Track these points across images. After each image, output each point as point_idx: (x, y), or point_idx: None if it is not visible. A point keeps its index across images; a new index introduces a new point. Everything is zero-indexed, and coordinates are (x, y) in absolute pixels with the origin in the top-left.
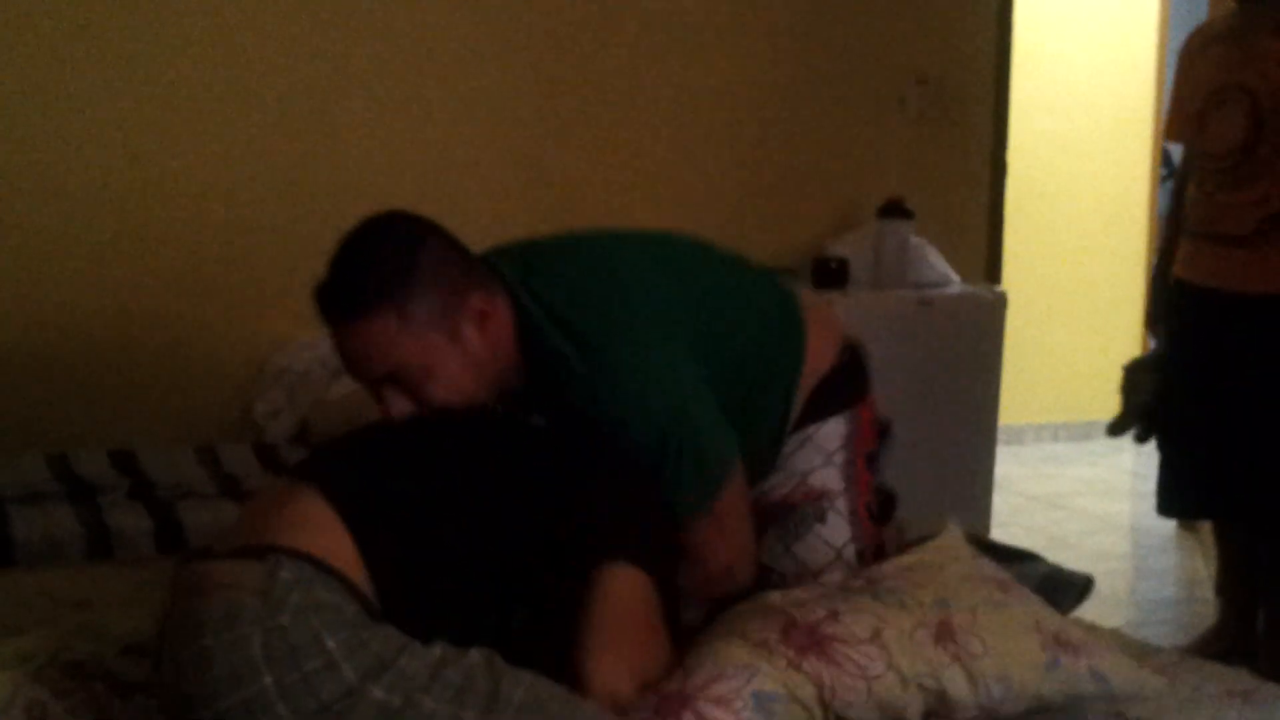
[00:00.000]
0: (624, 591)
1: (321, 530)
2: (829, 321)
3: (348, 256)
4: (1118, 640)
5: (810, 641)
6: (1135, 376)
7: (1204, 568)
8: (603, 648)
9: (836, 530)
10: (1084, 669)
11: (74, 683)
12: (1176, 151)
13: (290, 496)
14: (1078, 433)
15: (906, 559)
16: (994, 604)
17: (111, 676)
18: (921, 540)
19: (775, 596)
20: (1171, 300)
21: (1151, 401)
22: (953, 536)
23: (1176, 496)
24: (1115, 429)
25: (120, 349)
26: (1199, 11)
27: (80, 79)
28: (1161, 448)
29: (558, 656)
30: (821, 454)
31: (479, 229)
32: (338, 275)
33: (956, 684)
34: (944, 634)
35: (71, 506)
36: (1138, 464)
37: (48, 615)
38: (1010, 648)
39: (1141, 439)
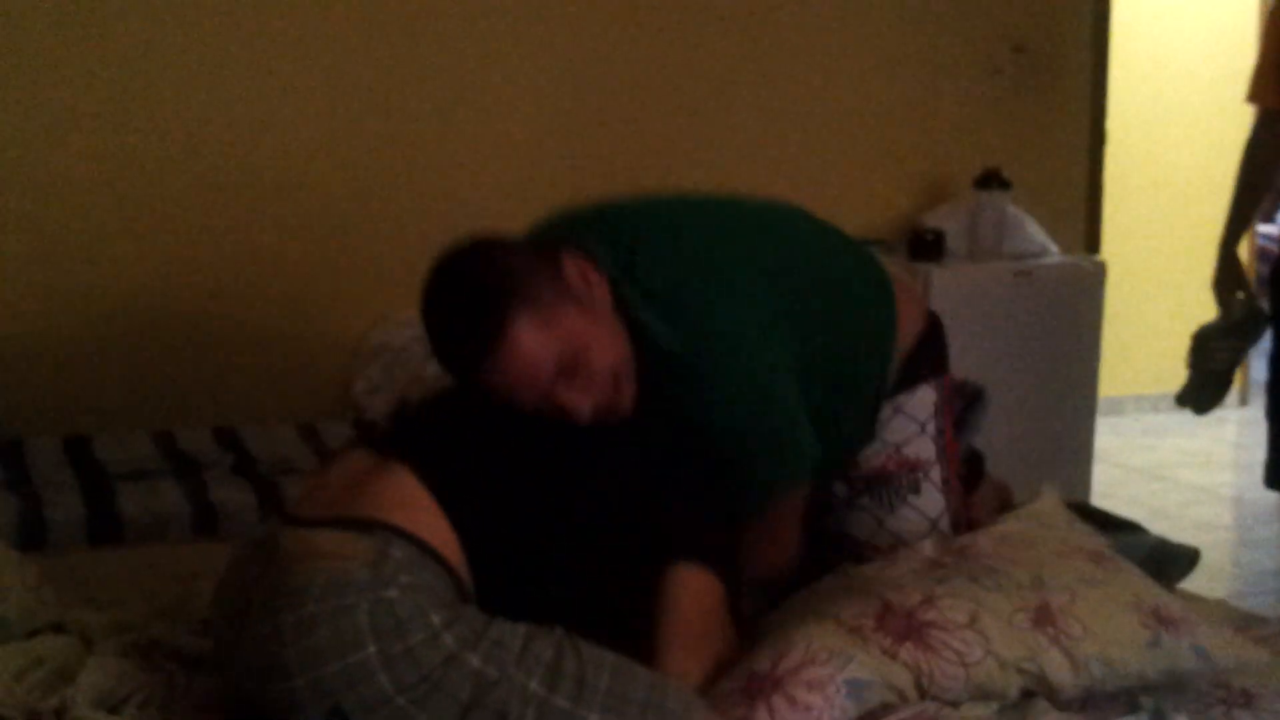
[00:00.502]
0: (695, 591)
1: (422, 511)
2: (911, 292)
3: (446, 307)
4: (1222, 611)
5: (907, 628)
6: (1206, 344)
7: None
8: (673, 643)
9: (931, 501)
10: (1185, 645)
11: (148, 661)
12: None
13: (383, 472)
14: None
15: (1001, 528)
16: (1091, 582)
17: (182, 654)
18: (1019, 506)
19: (868, 571)
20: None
21: (1226, 370)
22: (1050, 502)
23: None
24: (1195, 402)
25: (222, 329)
26: None
27: (178, 59)
28: (1274, 421)
29: (632, 650)
30: (914, 423)
31: (556, 196)
32: (450, 325)
33: (1056, 666)
34: (1043, 617)
35: (177, 482)
36: (1239, 435)
37: (151, 589)
38: (1110, 627)
39: (1204, 409)
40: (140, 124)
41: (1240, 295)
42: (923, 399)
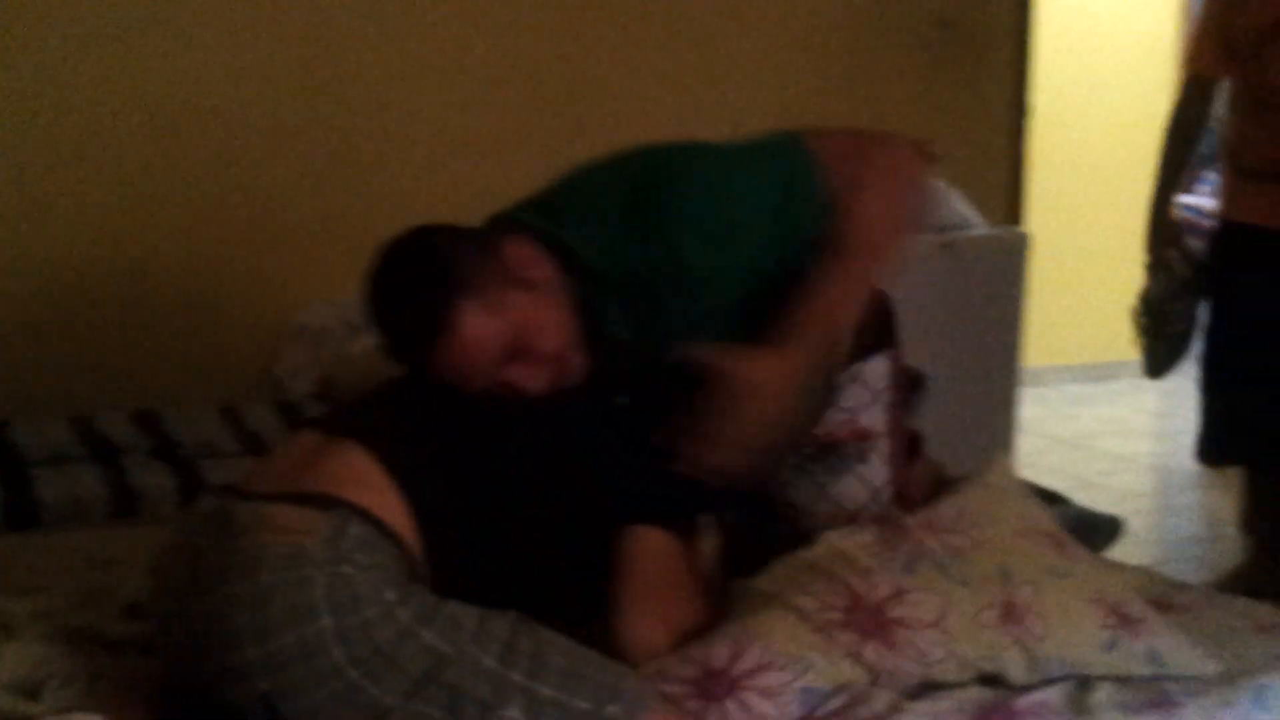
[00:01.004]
0: (650, 549)
1: (378, 490)
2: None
3: (391, 296)
4: (1145, 578)
5: (874, 626)
6: (1163, 308)
7: (1228, 505)
8: (633, 603)
9: (876, 472)
10: (1141, 650)
11: (72, 646)
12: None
13: (336, 450)
14: (1099, 373)
15: (960, 499)
16: (1056, 573)
17: (105, 638)
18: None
19: (834, 542)
20: (1220, 244)
21: (1188, 329)
22: (1001, 471)
23: (1224, 443)
24: (1159, 368)
25: (141, 310)
26: None
27: (98, 37)
28: (1208, 394)
29: (590, 620)
30: (870, 392)
31: (501, 181)
32: (396, 315)
33: (1015, 666)
34: (1008, 615)
35: (95, 467)
36: (1159, 403)
37: (71, 575)
38: (1072, 627)
39: (1158, 374)
40: (50, 104)
41: (1175, 252)
42: (877, 368)
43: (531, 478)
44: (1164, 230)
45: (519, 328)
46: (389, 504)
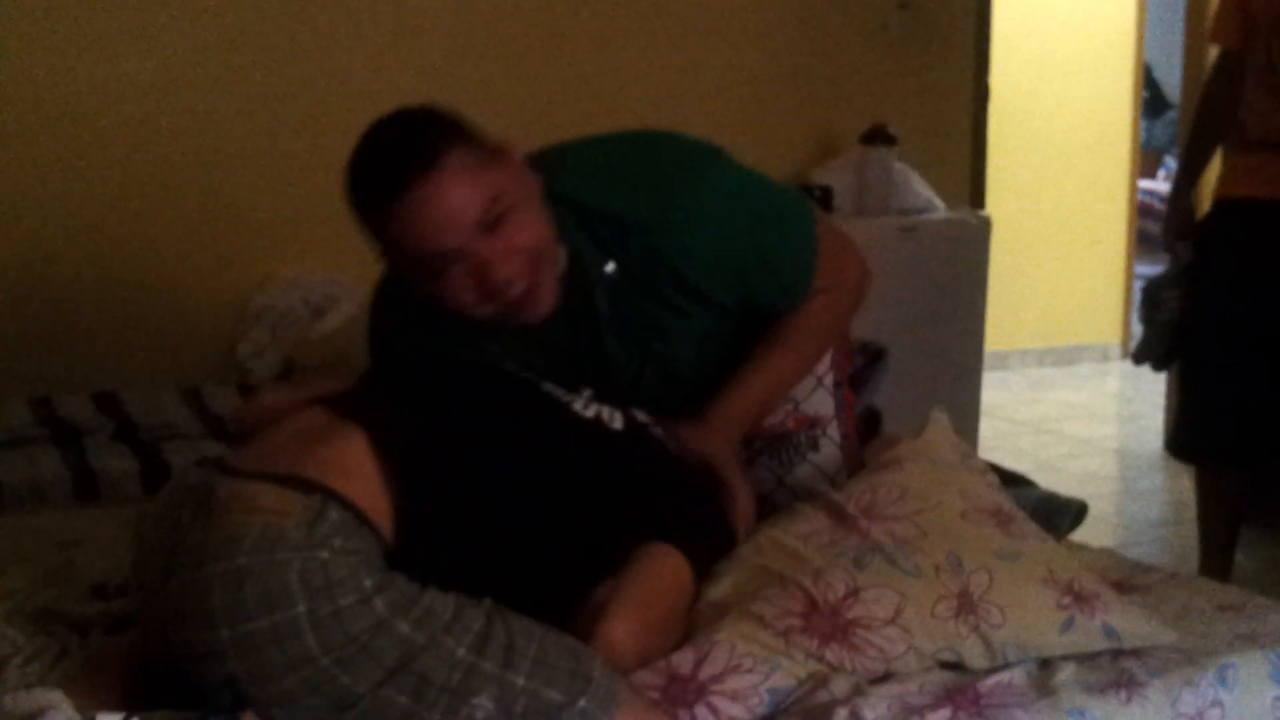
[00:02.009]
0: (665, 572)
1: (364, 480)
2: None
3: (379, 138)
4: (1109, 560)
5: (833, 628)
6: (1158, 294)
7: (1191, 489)
8: (621, 617)
9: (829, 458)
10: (1098, 625)
11: (37, 626)
12: (1165, 75)
13: (335, 434)
14: (1062, 357)
15: (900, 478)
16: (1006, 556)
17: (70, 618)
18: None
19: (779, 539)
20: (1212, 224)
21: (1179, 320)
22: (938, 432)
23: (1203, 437)
24: (1143, 354)
25: (102, 291)
26: None
27: (45, 18)
28: (1182, 385)
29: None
30: (812, 377)
31: None
32: (379, 155)
33: (974, 654)
34: (964, 606)
35: (56, 450)
36: (1122, 388)
37: (33, 556)
38: (1027, 612)
39: (1161, 366)
40: (3, 81)
41: (1186, 243)
42: None
43: (539, 493)
44: (1178, 217)
45: (501, 194)
46: (373, 497)
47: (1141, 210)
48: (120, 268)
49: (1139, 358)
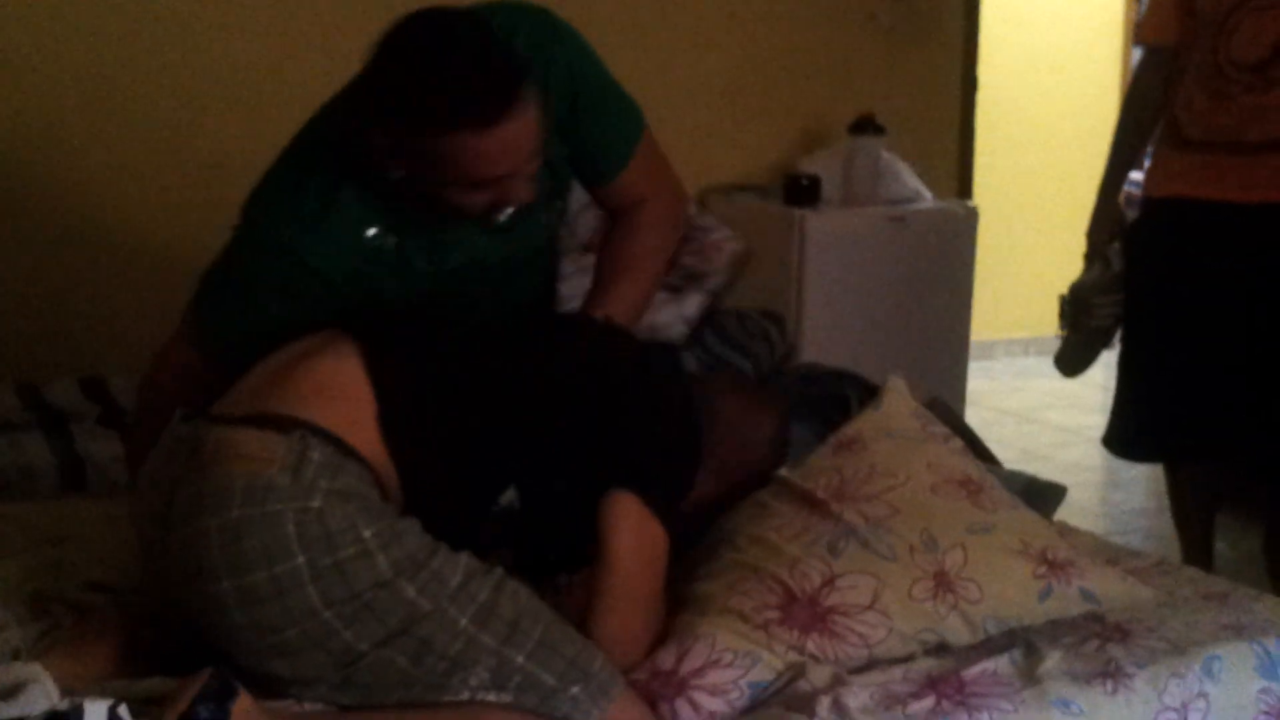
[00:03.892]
0: (635, 552)
1: (344, 401)
2: None
3: (466, 49)
4: (1095, 543)
5: (811, 618)
6: (1088, 300)
7: None
8: (606, 610)
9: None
10: (1075, 590)
11: (32, 607)
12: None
13: (324, 352)
14: (1047, 347)
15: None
16: (979, 529)
17: (67, 599)
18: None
19: (757, 536)
20: (1144, 224)
21: (1111, 327)
22: (895, 400)
23: (1136, 439)
24: (1076, 364)
25: (87, 275)
26: None
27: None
28: (1122, 386)
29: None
30: None
31: None
32: (467, 82)
33: (955, 632)
34: (941, 584)
35: (43, 436)
36: (1106, 377)
37: (23, 549)
38: (1004, 584)
39: (1076, 372)
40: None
41: (1118, 245)
42: None
43: (518, 419)
44: (1108, 219)
45: (541, 134)
46: (353, 418)
47: (1128, 201)
48: (104, 252)
49: (1061, 362)
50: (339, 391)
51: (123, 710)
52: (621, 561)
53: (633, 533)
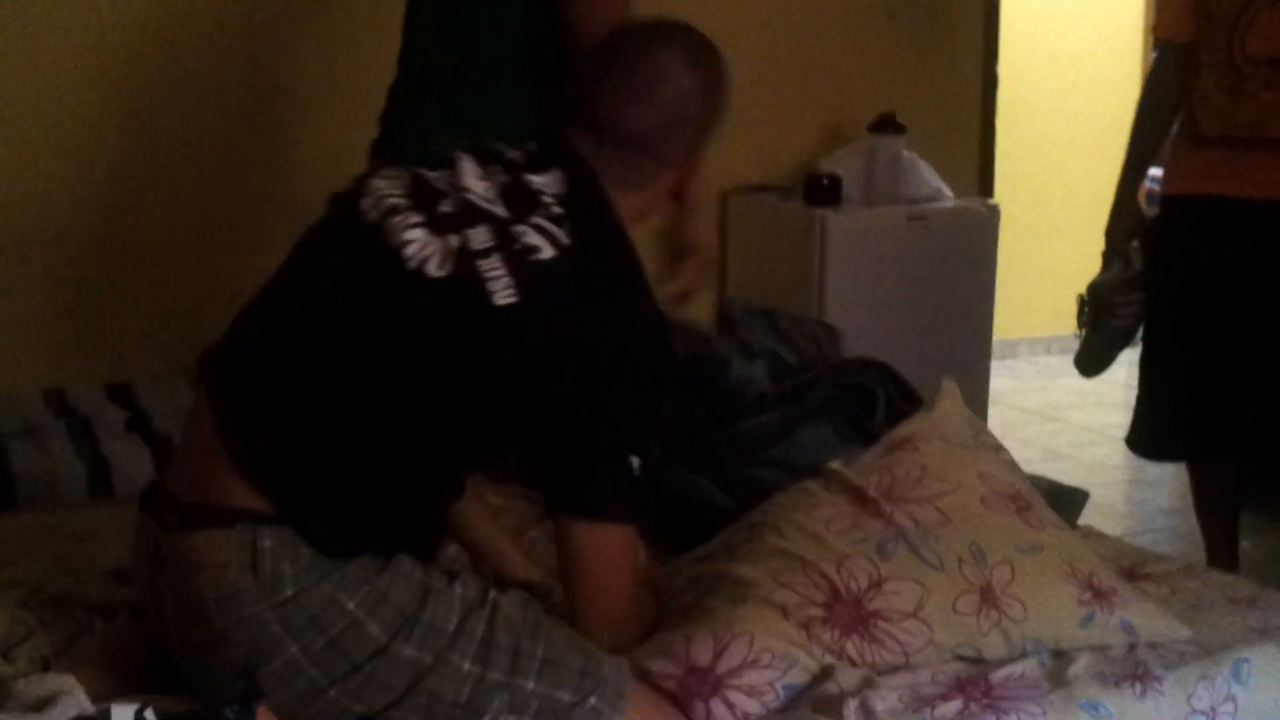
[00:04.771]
0: (596, 562)
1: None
2: None
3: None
4: (1120, 548)
5: (854, 619)
6: (1109, 300)
7: None
8: (586, 605)
9: None
10: (1115, 621)
11: (50, 610)
12: None
13: (202, 415)
14: (1069, 345)
15: (920, 458)
16: (1027, 548)
17: (89, 602)
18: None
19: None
20: (1164, 223)
21: (1132, 326)
22: (949, 406)
23: (1160, 439)
24: (1096, 364)
25: (113, 281)
26: None
27: None
28: (1145, 387)
29: None
30: None
31: None
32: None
33: (993, 648)
34: (986, 599)
35: (70, 440)
36: (1129, 376)
37: (48, 549)
38: (1048, 607)
39: (1095, 372)
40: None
41: (1138, 243)
42: None
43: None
44: (1127, 217)
45: None
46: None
47: (1149, 197)
48: (130, 259)
49: (1082, 363)
50: (209, 452)
51: (149, 713)
52: (580, 577)
53: (586, 555)
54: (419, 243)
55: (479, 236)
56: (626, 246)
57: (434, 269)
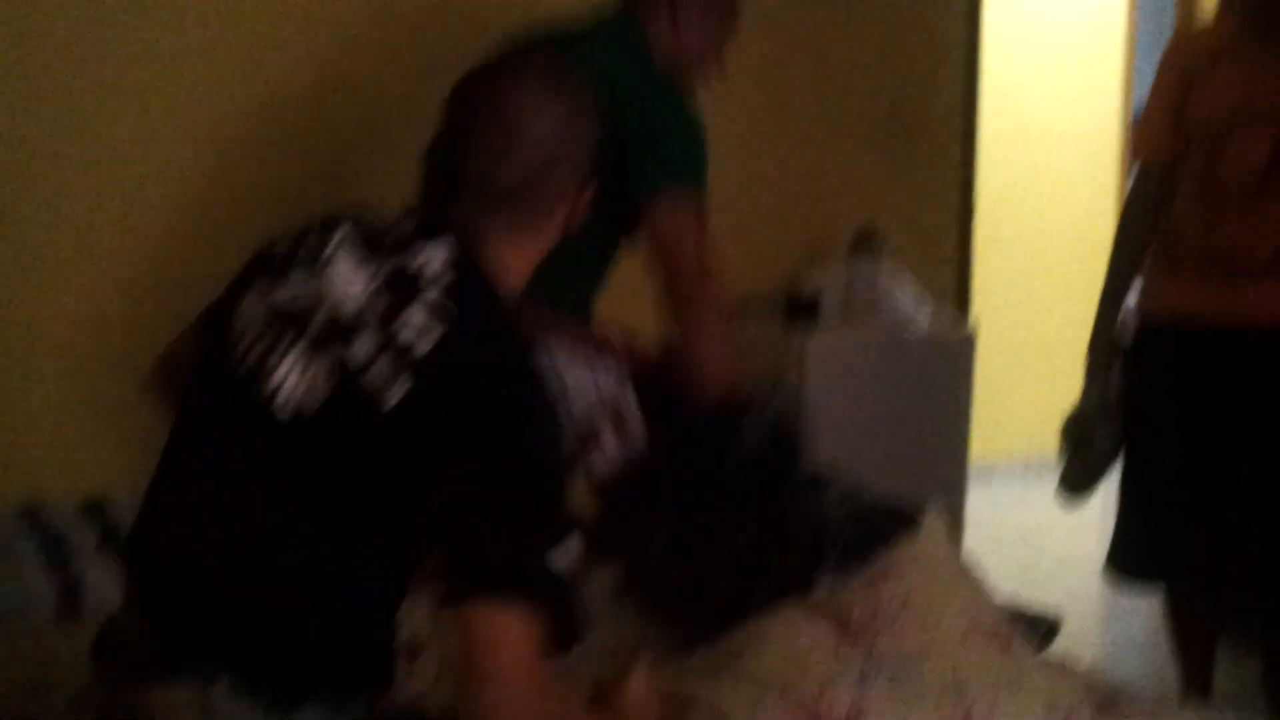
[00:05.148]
0: (484, 636)
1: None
2: None
3: None
4: (1090, 680)
5: None
6: (1089, 429)
7: None
8: (466, 706)
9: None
10: None
11: None
12: None
13: None
14: (1047, 468)
15: (901, 590)
16: (1008, 684)
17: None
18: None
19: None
20: (1146, 344)
21: (1114, 452)
22: (932, 537)
23: (1138, 560)
24: (1080, 490)
25: (86, 392)
26: (1164, 44)
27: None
28: (1128, 503)
29: None
30: None
31: None
32: None
33: None
34: None
35: (43, 560)
36: (1105, 501)
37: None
38: None
39: (1085, 497)
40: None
41: (1115, 369)
42: None
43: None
44: (1106, 344)
45: None
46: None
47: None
48: (107, 368)
49: (1069, 487)
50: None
51: None
52: (465, 669)
53: (468, 639)
54: (290, 384)
55: (362, 348)
56: (508, 325)
57: (312, 404)
